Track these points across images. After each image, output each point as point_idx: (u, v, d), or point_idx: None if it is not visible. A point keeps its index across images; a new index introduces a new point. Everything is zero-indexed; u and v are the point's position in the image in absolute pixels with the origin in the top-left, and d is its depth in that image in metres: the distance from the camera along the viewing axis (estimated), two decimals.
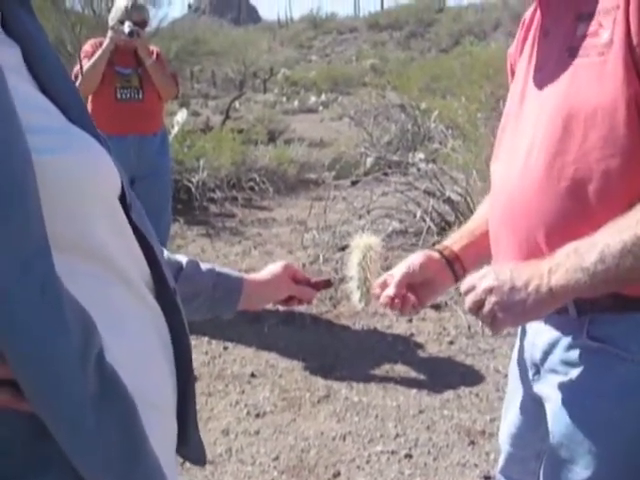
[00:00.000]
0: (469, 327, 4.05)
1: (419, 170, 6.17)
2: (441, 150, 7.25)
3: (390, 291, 1.44)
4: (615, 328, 1.20)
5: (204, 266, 1.31)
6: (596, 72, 1.15)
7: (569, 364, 1.27)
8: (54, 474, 0.73)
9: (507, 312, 1.16)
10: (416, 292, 1.48)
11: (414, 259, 1.48)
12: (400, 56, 28.12)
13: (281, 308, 4.41)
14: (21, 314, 0.66)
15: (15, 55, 0.82)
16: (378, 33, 39.29)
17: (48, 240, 0.69)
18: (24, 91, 0.78)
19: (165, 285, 0.95)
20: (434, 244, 4.96)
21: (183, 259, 1.29)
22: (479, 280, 1.20)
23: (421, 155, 7.46)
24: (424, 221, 5.25)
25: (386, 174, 6.10)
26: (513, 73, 1.47)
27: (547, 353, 1.32)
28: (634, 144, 1.13)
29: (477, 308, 1.19)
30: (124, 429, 0.75)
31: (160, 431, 0.85)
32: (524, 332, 1.45)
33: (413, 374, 3.60)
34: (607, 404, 1.22)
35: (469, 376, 3.55)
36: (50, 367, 0.68)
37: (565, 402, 1.28)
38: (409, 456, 2.89)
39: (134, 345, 0.84)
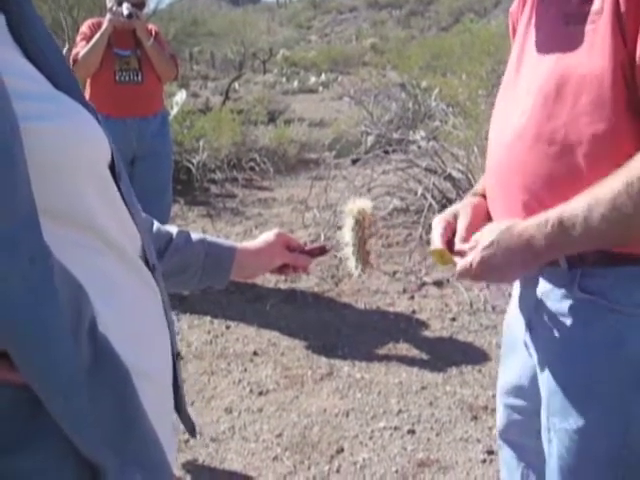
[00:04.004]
0: (471, 304, 4.05)
1: (420, 148, 6.14)
2: (442, 128, 7.22)
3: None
4: (604, 281, 1.24)
5: (195, 236, 1.28)
6: (587, 39, 1.18)
7: (561, 315, 1.31)
8: (48, 445, 0.72)
9: (491, 274, 1.29)
10: None
11: (467, 212, 1.47)
12: (400, 35, 28.02)
13: (283, 286, 4.44)
14: (10, 285, 0.65)
15: None
16: (378, 12, 39.10)
17: (36, 210, 0.68)
18: (9, 58, 0.77)
19: (146, 261, 0.94)
20: None
21: (173, 230, 1.26)
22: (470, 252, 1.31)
23: (422, 133, 7.42)
24: (425, 198, 5.24)
25: (387, 152, 6.07)
26: (515, 32, 1.48)
27: (540, 304, 1.36)
28: (620, 109, 1.16)
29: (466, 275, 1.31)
30: (118, 400, 0.74)
31: (155, 401, 0.84)
32: (519, 285, 1.49)
33: (415, 351, 3.60)
34: (597, 354, 1.26)
35: (471, 352, 3.55)
36: (41, 338, 0.67)
37: (557, 353, 1.32)
38: (412, 432, 2.89)
39: (127, 315, 0.83)
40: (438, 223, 1.46)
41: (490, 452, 2.71)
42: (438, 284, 4.40)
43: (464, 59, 9.75)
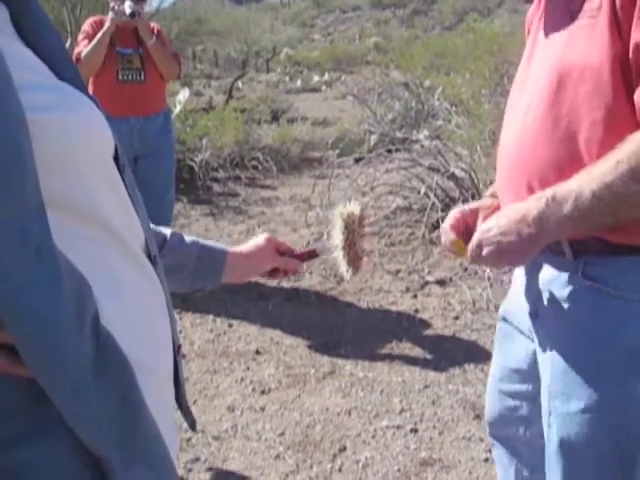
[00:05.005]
0: (474, 302, 4.04)
1: (423, 147, 6.13)
2: (445, 127, 7.22)
3: None
4: (606, 269, 1.32)
5: (188, 238, 1.31)
6: (587, 34, 1.27)
7: (565, 301, 1.38)
8: (54, 438, 0.73)
9: (499, 257, 1.34)
10: None
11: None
12: (404, 34, 27.98)
13: (286, 285, 4.44)
14: (17, 277, 0.65)
15: (2, 16, 0.81)
16: (381, 11, 39.05)
17: (43, 202, 0.68)
18: (13, 49, 0.76)
19: (148, 254, 0.94)
20: (438, 220, 4.96)
21: (167, 231, 1.28)
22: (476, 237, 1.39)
23: (425, 132, 7.41)
24: (428, 197, 5.22)
25: (390, 151, 6.06)
26: (530, 33, 1.57)
27: (544, 292, 1.43)
28: (618, 98, 1.24)
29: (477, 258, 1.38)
30: (121, 394, 0.75)
31: (157, 396, 0.84)
32: (522, 274, 1.55)
33: (418, 350, 3.60)
34: (599, 338, 1.33)
35: (474, 351, 3.55)
36: (48, 331, 0.67)
37: (561, 338, 1.39)
38: (414, 431, 2.89)
39: (131, 309, 0.83)
40: (453, 215, 1.54)
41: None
42: (441, 283, 4.39)
43: (468, 58, 9.74)
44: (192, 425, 1.09)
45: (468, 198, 5.06)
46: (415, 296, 4.25)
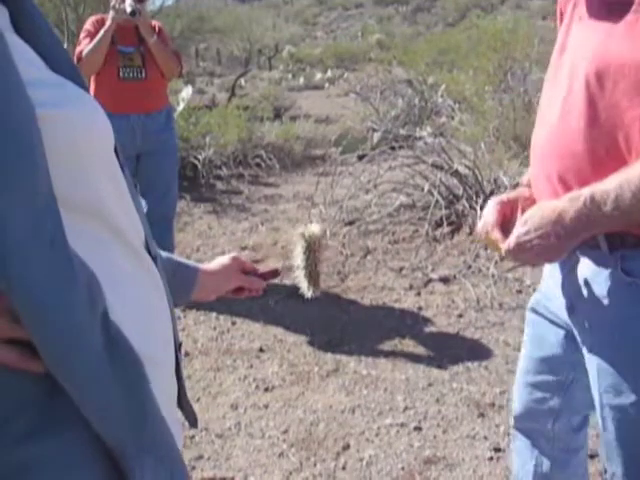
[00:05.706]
0: (478, 300, 4.03)
1: (426, 144, 6.12)
2: (448, 124, 7.21)
3: None
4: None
5: (163, 254, 1.31)
6: (628, 29, 1.25)
7: (605, 297, 1.38)
8: (67, 432, 0.74)
9: (540, 255, 1.35)
10: None
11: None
12: (406, 31, 27.99)
13: (288, 282, 4.43)
14: (33, 268, 0.66)
15: (3, 16, 0.81)
16: (384, 8, 39.07)
17: (54, 194, 0.69)
18: (19, 46, 0.77)
19: (148, 251, 0.94)
20: (442, 218, 4.96)
21: None
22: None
23: (428, 129, 7.40)
24: (432, 195, 5.21)
25: (393, 148, 6.05)
26: (562, 18, 1.54)
27: (583, 288, 1.43)
28: None
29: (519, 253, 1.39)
30: (131, 387, 0.75)
31: (162, 389, 0.85)
32: (558, 267, 1.54)
33: (422, 347, 3.59)
34: (636, 335, 1.35)
35: (478, 349, 3.54)
36: (66, 324, 0.68)
37: (602, 334, 1.40)
38: (418, 429, 2.88)
39: (134, 304, 0.84)
40: (491, 206, 1.53)
41: (497, 449, 2.69)
42: (444, 280, 4.38)
43: (471, 55, 9.74)
44: (193, 423, 1.09)
45: (472, 195, 5.06)
46: (419, 294, 4.24)
